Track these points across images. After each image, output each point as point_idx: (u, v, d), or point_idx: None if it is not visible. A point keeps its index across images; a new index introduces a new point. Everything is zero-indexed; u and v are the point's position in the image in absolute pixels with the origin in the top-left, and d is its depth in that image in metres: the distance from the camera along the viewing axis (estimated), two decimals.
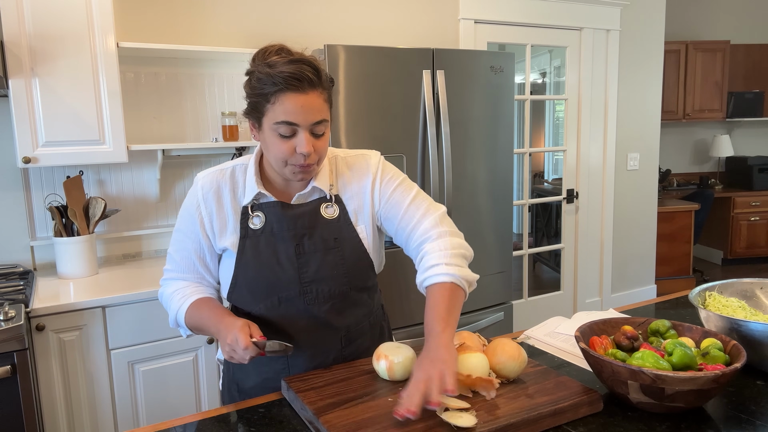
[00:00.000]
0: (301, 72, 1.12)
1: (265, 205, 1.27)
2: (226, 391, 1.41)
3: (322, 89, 1.17)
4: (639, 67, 4.16)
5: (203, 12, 2.72)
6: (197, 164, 2.77)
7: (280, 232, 1.25)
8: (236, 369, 1.36)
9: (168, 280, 1.35)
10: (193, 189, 1.30)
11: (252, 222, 1.26)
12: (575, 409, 1.07)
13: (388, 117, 2.42)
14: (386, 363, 1.17)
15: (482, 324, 2.76)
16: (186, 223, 1.30)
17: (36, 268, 2.50)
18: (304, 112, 1.14)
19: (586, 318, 1.59)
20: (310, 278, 1.25)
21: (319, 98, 1.16)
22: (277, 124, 1.15)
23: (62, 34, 2.16)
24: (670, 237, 4.85)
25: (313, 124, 1.16)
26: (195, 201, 1.29)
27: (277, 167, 1.21)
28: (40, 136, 2.17)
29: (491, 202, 2.77)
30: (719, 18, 5.94)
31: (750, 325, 1.21)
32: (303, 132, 1.15)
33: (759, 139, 6.27)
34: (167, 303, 1.33)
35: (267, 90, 1.13)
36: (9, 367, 1.75)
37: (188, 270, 1.32)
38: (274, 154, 1.18)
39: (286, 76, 1.11)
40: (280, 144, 1.16)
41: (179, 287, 1.31)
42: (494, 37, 3.55)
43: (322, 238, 1.27)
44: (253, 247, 1.25)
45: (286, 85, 1.12)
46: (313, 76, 1.14)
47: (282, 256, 1.25)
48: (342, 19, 3.05)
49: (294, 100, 1.13)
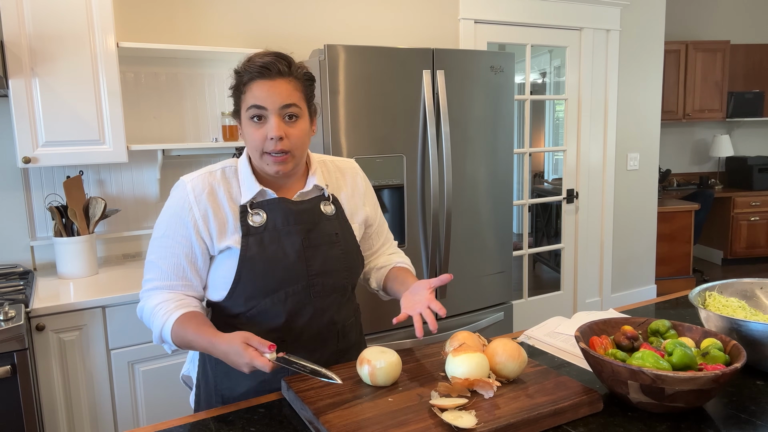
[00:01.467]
0: (271, 62, 1.20)
1: (267, 202, 1.28)
2: (204, 405, 1.35)
3: (292, 78, 1.23)
4: (639, 68, 4.16)
5: (203, 12, 2.72)
6: (197, 164, 2.77)
7: (285, 226, 1.27)
8: (222, 378, 1.31)
9: (150, 291, 1.27)
10: (180, 193, 1.27)
11: (252, 220, 1.26)
12: (575, 409, 1.07)
13: (388, 117, 2.42)
14: (369, 368, 1.15)
15: (482, 324, 2.76)
16: (174, 228, 1.26)
17: (36, 268, 2.50)
18: (271, 95, 1.20)
19: (586, 318, 1.59)
20: (317, 271, 1.29)
21: (288, 85, 1.22)
22: (248, 110, 1.22)
23: (62, 34, 2.16)
24: (670, 237, 4.85)
25: (282, 107, 1.21)
26: (185, 204, 1.25)
27: (255, 158, 1.27)
28: (40, 136, 2.17)
29: (491, 202, 2.76)
30: (719, 18, 5.94)
31: (750, 325, 1.21)
32: (272, 116, 1.21)
33: (759, 139, 6.27)
34: (149, 318, 1.26)
35: (241, 81, 1.23)
36: (9, 367, 1.75)
37: (176, 277, 1.26)
38: (250, 142, 1.25)
39: (258, 66, 1.20)
40: (254, 131, 1.23)
41: (162, 300, 1.25)
42: (494, 37, 3.55)
43: (326, 232, 1.31)
44: (258, 244, 1.25)
45: (254, 73, 1.20)
46: (283, 67, 1.22)
47: (289, 249, 1.26)
48: (342, 19, 3.05)
49: (261, 85, 1.21)
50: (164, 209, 1.29)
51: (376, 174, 2.41)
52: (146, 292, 1.28)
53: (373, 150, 2.40)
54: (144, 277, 1.30)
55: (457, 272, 2.68)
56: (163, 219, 1.28)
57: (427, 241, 2.57)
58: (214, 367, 1.32)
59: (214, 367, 1.32)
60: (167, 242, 1.26)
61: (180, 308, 1.23)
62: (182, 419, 1.14)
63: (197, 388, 1.38)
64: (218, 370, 1.31)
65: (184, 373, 1.48)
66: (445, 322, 2.66)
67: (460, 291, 2.70)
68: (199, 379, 1.37)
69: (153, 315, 1.24)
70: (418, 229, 2.55)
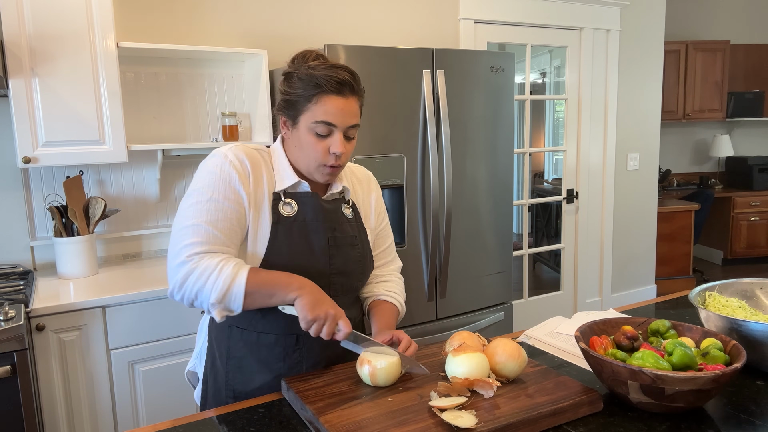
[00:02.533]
0: (343, 77, 1.22)
1: (300, 194, 1.30)
2: (211, 401, 1.34)
3: (358, 96, 1.27)
4: (639, 67, 4.16)
5: (203, 12, 2.72)
6: (197, 164, 2.77)
7: (313, 222, 1.29)
8: (234, 372, 1.31)
9: (201, 254, 1.15)
10: (221, 159, 1.21)
11: (283, 209, 1.27)
12: (575, 409, 1.07)
13: (388, 117, 2.42)
14: (369, 368, 1.15)
15: (482, 324, 2.76)
16: (224, 191, 1.19)
17: (36, 268, 2.50)
18: (343, 114, 1.22)
19: (586, 318, 1.59)
20: (338, 270, 1.31)
21: (356, 104, 1.26)
22: (315, 123, 1.22)
23: (62, 34, 2.16)
24: (670, 237, 4.85)
25: (349, 127, 1.25)
26: (230, 168, 1.20)
27: (307, 165, 1.27)
28: (40, 136, 2.17)
29: (491, 202, 2.77)
30: (719, 18, 5.94)
31: (750, 325, 1.21)
32: (338, 133, 1.24)
33: (759, 139, 6.27)
34: (208, 276, 1.14)
35: (310, 90, 1.21)
36: (9, 367, 1.75)
37: (230, 241, 1.19)
38: (308, 152, 1.25)
39: (330, 79, 1.20)
40: (316, 143, 1.23)
41: (222, 257, 1.16)
42: (494, 37, 3.55)
43: (348, 234, 1.34)
44: (287, 234, 1.25)
45: (330, 87, 1.20)
46: (354, 84, 1.24)
47: (315, 245, 1.28)
48: (342, 19, 3.05)
49: (335, 102, 1.21)
50: (203, 176, 1.21)
51: (376, 174, 2.39)
52: (195, 255, 1.15)
53: (373, 150, 2.40)
54: (184, 241, 1.17)
55: (457, 272, 2.68)
56: (206, 183, 1.20)
57: (427, 241, 2.57)
58: (226, 362, 1.32)
59: (225, 361, 1.32)
60: (217, 205, 1.18)
61: (245, 264, 1.18)
62: (182, 419, 1.14)
63: (204, 383, 1.37)
64: (231, 365, 1.31)
65: (190, 369, 1.47)
66: (445, 322, 2.66)
67: (460, 291, 2.70)
68: (207, 374, 1.36)
69: (216, 271, 1.14)
70: (418, 229, 2.55)
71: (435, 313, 2.64)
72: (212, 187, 1.20)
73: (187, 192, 1.24)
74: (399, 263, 1.56)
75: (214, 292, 1.14)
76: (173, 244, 1.18)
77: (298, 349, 1.29)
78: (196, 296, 1.16)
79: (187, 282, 1.15)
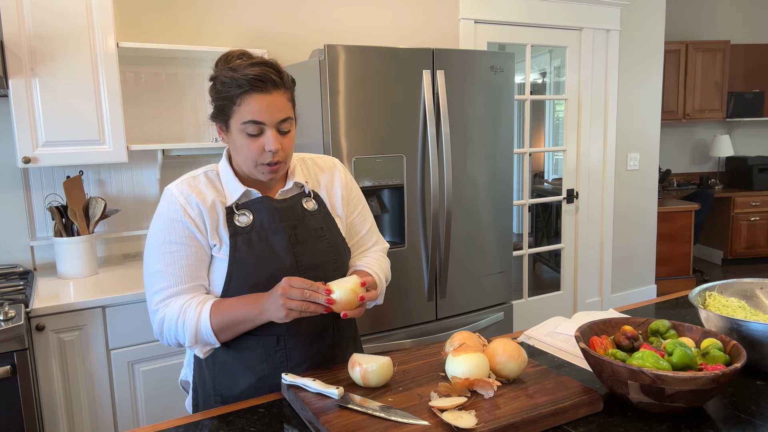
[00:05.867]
0: (264, 73, 1.19)
1: (252, 202, 1.30)
2: (202, 408, 1.34)
3: (284, 89, 1.24)
4: (639, 67, 4.16)
5: (203, 12, 2.72)
6: (197, 164, 2.77)
7: (271, 224, 1.29)
8: (220, 377, 1.31)
9: (166, 300, 1.24)
10: (169, 199, 1.27)
11: (238, 220, 1.28)
12: (575, 409, 1.07)
13: (388, 117, 2.42)
14: (360, 370, 1.16)
15: (482, 324, 2.76)
16: (175, 232, 1.24)
17: (36, 268, 2.50)
18: (269, 110, 1.21)
19: (586, 318, 1.59)
20: (306, 265, 1.30)
21: (283, 97, 1.23)
22: (244, 124, 1.21)
23: (62, 34, 2.16)
24: (670, 237, 4.85)
25: (279, 122, 1.23)
26: (177, 207, 1.25)
27: (246, 167, 1.27)
28: (40, 136, 2.17)
29: (491, 202, 2.76)
30: (719, 18, 5.94)
31: (750, 325, 1.21)
32: (270, 130, 1.22)
33: (759, 139, 6.27)
34: (175, 324, 1.22)
35: (232, 92, 1.20)
36: (9, 367, 1.75)
37: (190, 278, 1.24)
38: (244, 154, 1.25)
39: (251, 78, 1.18)
40: (249, 144, 1.23)
41: (186, 300, 1.23)
42: (494, 37, 3.55)
43: (311, 227, 1.34)
44: (246, 243, 1.27)
45: (251, 86, 1.19)
46: (276, 77, 1.21)
47: (277, 247, 1.28)
48: (342, 19, 3.05)
49: (259, 99, 1.20)
50: (156, 220, 1.27)
51: (376, 174, 2.41)
52: (161, 303, 1.24)
53: (373, 150, 2.40)
54: (151, 290, 1.25)
55: (457, 272, 2.68)
56: (158, 227, 1.26)
57: (427, 241, 2.57)
58: (211, 367, 1.32)
59: (211, 367, 1.32)
60: (173, 248, 1.24)
61: (208, 299, 1.24)
62: (182, 419, 1.14)
63: (194, 391, 1.38)
64: (216, 370, 1.31)
65: (182, 378, 1.48)
66: (445, 322, 2.66)
67: (460, 291, 2.70)
68: (196, 382, 1.37)
69: (181, 316, 1.21)
70: (418, 229, 2.55)
71: (435, 313, 2.64)
72: (165, 230, 1.25)
73: (147, 237, 1.30)
74: (384, 244, 1.53)
75: (186, 335, 1.22)
76: (146, 292, 1.28)
77: (280, 349, 1.29)
78: (177, 340, 1.25)
79: (163, 330, 1.25)
